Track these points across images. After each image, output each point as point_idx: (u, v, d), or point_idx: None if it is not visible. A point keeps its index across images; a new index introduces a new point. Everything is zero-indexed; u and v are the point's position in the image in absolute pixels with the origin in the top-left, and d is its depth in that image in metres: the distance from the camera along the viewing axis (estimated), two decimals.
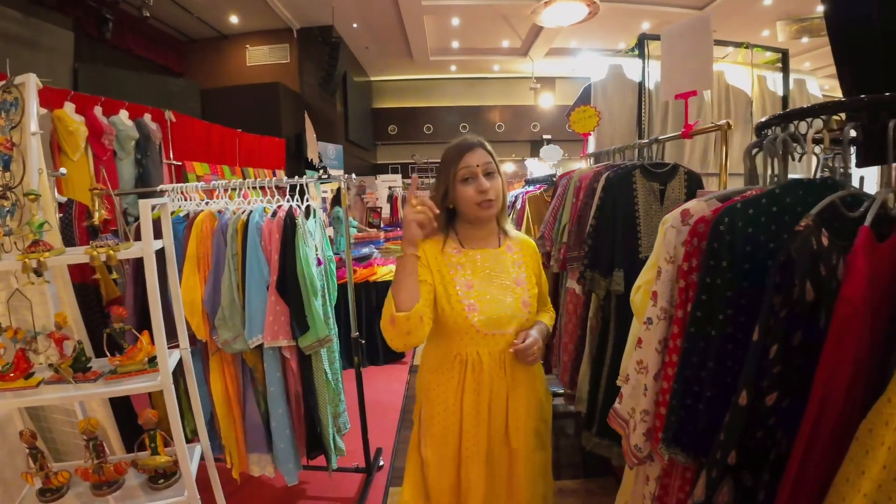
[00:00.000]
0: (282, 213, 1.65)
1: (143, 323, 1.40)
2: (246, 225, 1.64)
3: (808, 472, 0.62)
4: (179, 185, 2.01)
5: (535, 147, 14.31)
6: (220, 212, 1.81)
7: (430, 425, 1.17)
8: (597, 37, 9.51)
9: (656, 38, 2.62)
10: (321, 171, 6.11)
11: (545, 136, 13.77)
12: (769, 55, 2.73)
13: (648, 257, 1.74)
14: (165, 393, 1.22)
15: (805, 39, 7.97)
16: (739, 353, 0.75)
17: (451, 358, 1.14)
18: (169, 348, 1.31)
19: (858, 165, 0.75)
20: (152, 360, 1.27)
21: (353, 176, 1.71)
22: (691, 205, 0.86)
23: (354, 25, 8.71)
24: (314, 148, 2.09)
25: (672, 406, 0.81)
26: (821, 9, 7.23)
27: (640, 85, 2.60)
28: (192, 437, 1.81)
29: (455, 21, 8.90)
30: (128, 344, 1.28)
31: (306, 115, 2.39)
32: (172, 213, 1.97)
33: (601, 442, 1.87)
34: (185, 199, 2.01)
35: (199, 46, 8.35)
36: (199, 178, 4.39)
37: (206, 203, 1.94)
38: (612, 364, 1.83)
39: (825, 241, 0.67)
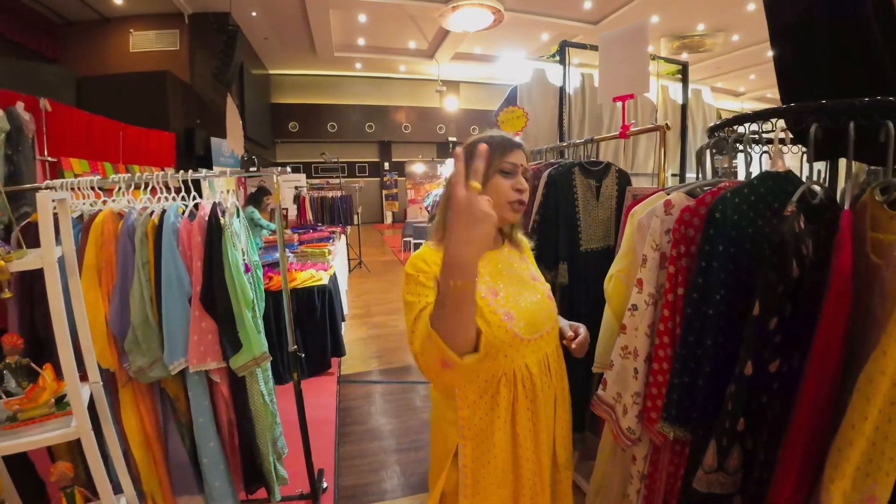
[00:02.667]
0: (203, 213, 1.42)
1: (32, 355, 1.11)
2: (158, 227, 1.39)
3: (814, 425, 0.67)
4: (70, 180, 1.66)
5: (441, 148, 14.57)
6: (120, 214, 1.53)
7: (477, 471, 0.96)
8: (500, 44, 9.97)
9: (577, 45, 2.79)
10: (249, 164, 5.52)
11: (451, 139, 14.09)
12: (670, 66, 3.06)
13: (589, 249, 1.86)
14: (84, 441, 0.98)
15: (685, 55, 9.17)
16: (733, 329, 0.79)
17: (494, 383, 0.94)
18: None
19: (816, 159, 0.84)
20: (59, 401, 1.01)
21: (289, 169, 1.54)
22: (672, 197, 0.89)
23: (254, 14, 8.08)
24: (238, 138, 1.76)
25: (673, 385, 0.84)
26: (701, 27, 8.33)
27: (562, 90, 2.74)
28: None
29: (362, 17, 8.70)
30: (26, 382, 1.00)
31: (228, 98, 2.05)
32: None
33: None
34: (78, 198, 1.68)
35: (77, 30, 7.32)
36: (76, 177, 3.78)
37: (104, 202, 1.63)
38: None
39: (802, 225, 0.74)
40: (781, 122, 0.89)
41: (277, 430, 1.79)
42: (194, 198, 1.53)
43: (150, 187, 1.57)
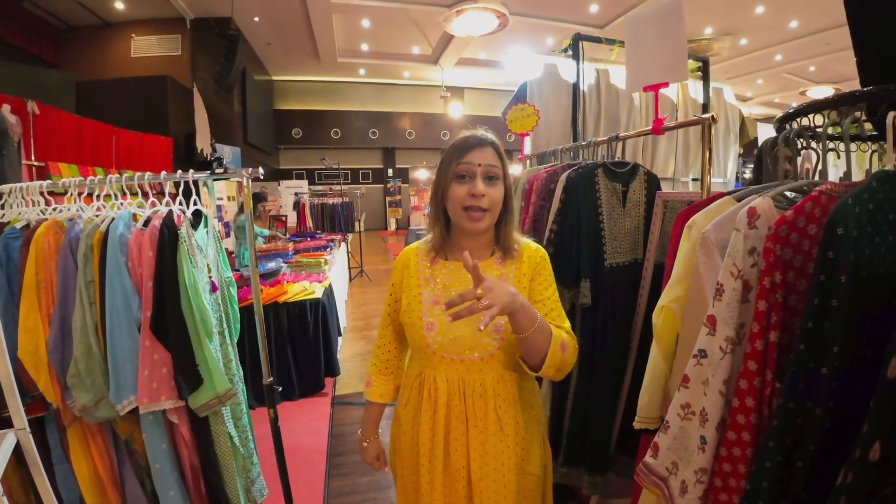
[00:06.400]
0: (157, 222, 1.19)
1: None
2: (104, 239, 1.16)
3: None
4: (19, 184, 1.46)
5: None
6: (70, 220, 1.31)
7: (394, 444, 1.08)
8: (504, 49, 9.79)
9: (591, 39, 2.57)
10: (215, 165, 5.33)
11: None
12: (690, 63, 2.83)
13: (615, 264, 1.62)
14: None
15: (692, 59, 8.95)
16: (855, 395, 0.55)
17: (413, 375, 1.03)
18: None
19: None
20: None
21: (261, 171, 1.32)
22: (757, 203, 0.65)
23: (256, 19, 7.96)
24: (205, 136, 1.63)
25: (762, 469, 0.60)
26: (709, 31, 8.14)
27: (575, 86, 2.52)
28: None
29: (365, 23, 8.56)
30: None
31: (195, 90, 1.89)
32: (7, 223, 1.44)
33: (569, 471, 1.68)
34: (28, 205, 1.48)
35: (79, 35, 7.29)
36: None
37: (57, 210, 1.42)
38: (578, 386, 1.66)
39: None
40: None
41: (254, 472, 1.55)
42: (167, 203, 1.31)
43: (103, 193, 1.35)
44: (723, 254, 0.69)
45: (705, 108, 2.71)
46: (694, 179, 2.99)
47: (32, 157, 3.60)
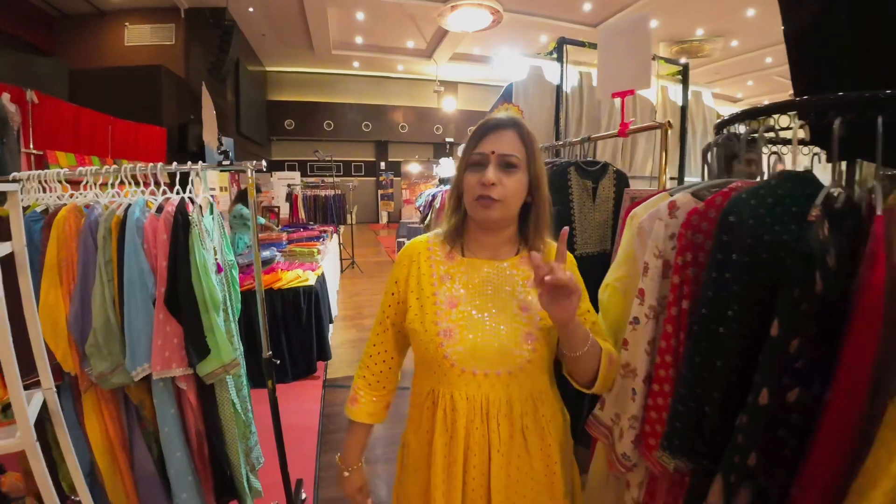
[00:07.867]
0: (170, 208, 1.32)
1: None
2: (122, 223, 1.29)
3: (834, 462, 0.59)
4: (37, 171, 1.58)
5: (437, 149, 14.48)
6: (87, 206, 1.43)
7: (401, 472, 0.96)
8: (498, 45, 9.91)
9: (575, 43, 2.71)
10: (221, 158, 5.40)
11: (448, 139, 14.00)
12: (671, 67, 2.99)
13: (584, 254, 1.77)
14: (29, 454, 0.89)
15: (683, 60, 9.13)
16: (747, 351, 0.71)
17: (423, 393, 0.88)
18: (26, 388, 0.97)
19: (840, 159, 0.76)
20: (5, 410, 0.92)
21: (264, 163, 1.45)
22: (677, 198, 0.80)
23: (250, 10, 7.99)
24: (212, 129, 1.72)
25: (676, 411, 0.75)
26: (700, 33, 8.25)
27: (559, 88, 2.66)
28: (69, 493, 1.42)
29: (360, 15, 8.62)
30: None
31: (203, 87, 1.98)
32: (27, 207, 1.55)
33: None
34: (45, 191, 1.60)
35: (73, 23, 7.32)
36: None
37: (72, 196, 1.54)
38: None
39: (826, 232, 0.66)
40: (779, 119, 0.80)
41: (252, 440, 1.69)
42: (177, 192, 1.43)
43: (118, 181, 1.47)
44: None
45: (684, 110, 2.87)
46: (671, 178, 3.16)
47: (31, 146, 3.69)
